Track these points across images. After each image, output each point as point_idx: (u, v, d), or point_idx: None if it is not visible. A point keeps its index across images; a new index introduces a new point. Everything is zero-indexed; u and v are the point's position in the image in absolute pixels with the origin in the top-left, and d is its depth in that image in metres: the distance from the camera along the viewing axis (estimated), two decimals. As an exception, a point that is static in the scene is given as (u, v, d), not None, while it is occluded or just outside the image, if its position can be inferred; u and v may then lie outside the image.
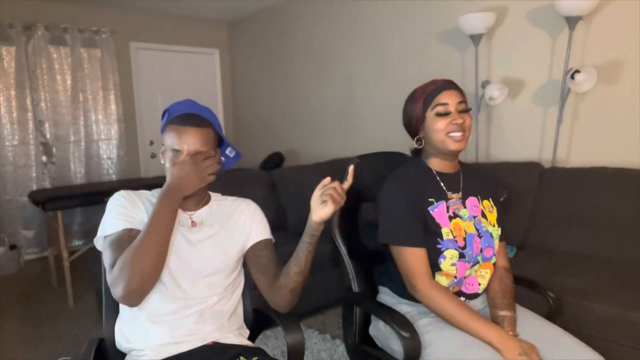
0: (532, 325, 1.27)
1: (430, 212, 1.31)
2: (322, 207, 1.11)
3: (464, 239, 1.30)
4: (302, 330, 1.24)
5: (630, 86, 2.48)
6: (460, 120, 1.29)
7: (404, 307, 1.35)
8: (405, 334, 1.17)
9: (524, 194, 2.55)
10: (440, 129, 1.30)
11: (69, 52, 4.27)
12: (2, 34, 3.93)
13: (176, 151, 1.16)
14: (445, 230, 1.29)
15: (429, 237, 1.28)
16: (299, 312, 2.71)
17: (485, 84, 2.93)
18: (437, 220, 1.30)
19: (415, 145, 1.39)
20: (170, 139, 1.17)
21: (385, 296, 1.43)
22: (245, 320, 1.36)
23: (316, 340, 2.44)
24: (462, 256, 1.29)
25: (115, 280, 1.05)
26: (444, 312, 1.22)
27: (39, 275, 3.75)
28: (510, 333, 1.20)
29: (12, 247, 3.89)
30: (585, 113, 2.68)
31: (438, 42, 3.34)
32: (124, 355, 1.20)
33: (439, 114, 1.30)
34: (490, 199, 1.42)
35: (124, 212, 1.18)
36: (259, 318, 1.38)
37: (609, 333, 1.76)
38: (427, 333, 1.24)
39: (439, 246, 1.28)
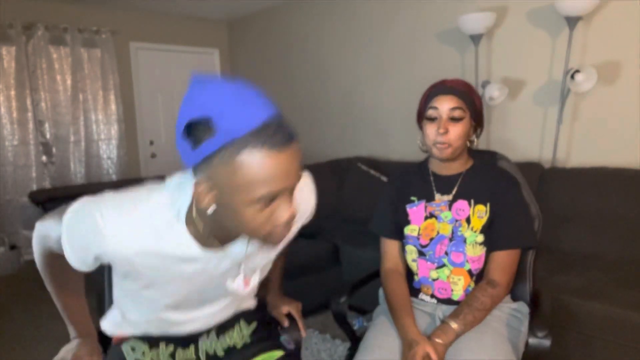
0: (467, 350, 1.15)
1: (408, 209, 1.39)
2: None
3: (431, 238, 1.32)
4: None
5: (630, 86, 2.48)
6: (442, 130, 1.24)
7: None
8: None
9: (524, 194, 2.55)
10: (428, 135, 1.30)
11: (69, 52, 4.26)
12: (2, 34, 3.92)
13: (269, 198, 0.73)
14: (410, 227, 1.37)
15: (400, 232, 1.41)
16: (299, 312, 2.70)
17: (485, 84, 2.93)
18: (410, 217, 1.38)
19: (418, 143, 1.40)
20: (257, 175, 0.70)
21: None
22: None
23: (316, 340, 2.43)
24: (421, 254, 1.34)
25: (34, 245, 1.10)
26: (387, 299, 1.34)
27: (39, 275, 3.73)
28: (439, 340, 1.13)
29: (12, 247, 3.88)
30: (585, 113, 2.67)
31: (438, 42, 3.34)
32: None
33: (428, 118, 1.30)
34: (489, 204, 1.31)
35: (78, 250, 0.92)
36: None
37: (609, 333, 1.76)
38: (379, 317, 1.37)
39: (403, 240, 1.40)
